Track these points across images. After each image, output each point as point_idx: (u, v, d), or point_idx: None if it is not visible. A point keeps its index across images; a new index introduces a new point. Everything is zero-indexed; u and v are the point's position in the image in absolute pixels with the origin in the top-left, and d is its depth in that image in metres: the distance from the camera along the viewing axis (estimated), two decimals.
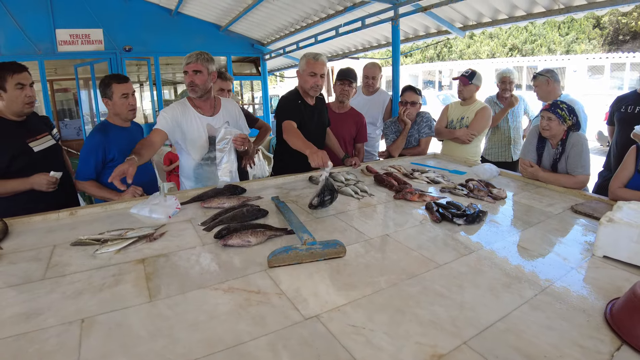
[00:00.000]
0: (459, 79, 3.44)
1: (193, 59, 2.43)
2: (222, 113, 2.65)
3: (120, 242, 1.60)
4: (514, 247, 1.63)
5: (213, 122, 2.58)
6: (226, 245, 1.59)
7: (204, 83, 2.48)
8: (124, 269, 1.42)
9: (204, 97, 2.54)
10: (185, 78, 2.47)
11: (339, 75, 3.33)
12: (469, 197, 2.26)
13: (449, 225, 1.85)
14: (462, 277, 1.37)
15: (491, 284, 1.33)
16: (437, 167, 3.07)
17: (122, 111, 2.48)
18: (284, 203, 2.07)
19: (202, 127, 2.54)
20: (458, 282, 1.34)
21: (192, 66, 2.44)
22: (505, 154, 4.06)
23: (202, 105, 2.57)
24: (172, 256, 1.53)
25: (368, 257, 1.53)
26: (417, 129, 3.41)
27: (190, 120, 2.52)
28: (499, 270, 1.42)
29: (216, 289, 1.29)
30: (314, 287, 1.30)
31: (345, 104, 3.39)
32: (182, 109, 2.52)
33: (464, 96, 3.47)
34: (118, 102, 2.45)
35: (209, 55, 2.49)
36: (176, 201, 2.06)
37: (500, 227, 1.84)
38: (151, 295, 1.25)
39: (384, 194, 2.36)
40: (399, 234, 1.75)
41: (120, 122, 2.52)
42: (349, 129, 3.36)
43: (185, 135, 2.51)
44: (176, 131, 2.48)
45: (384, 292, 1.28)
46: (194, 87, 2.47)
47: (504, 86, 4.02)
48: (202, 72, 2.45)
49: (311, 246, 1.47)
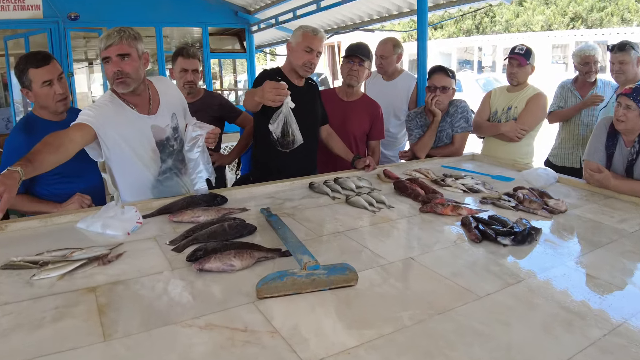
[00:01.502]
0: (513, 57, 3.46)
1: (115, 38, 2.19)
2: (164, 104, 2.48)
3: (65, 266, 1.61)
4: (577, 275, 1.64)
5: (157, 121, 2.42)
6: (202, 270, 1.60)
7: (136, 71, 2.26)
8: (70, 300, 1.43)
9: (137, 90, 2.33)
10: (107, 68, 2.24)
11: (347, 51, 3.36)
12: (517, 211, 2.28)
13: (491, 246, 1.86)
14: (508, 312, 1.38)
15: (546, 321, 1.34)
16: (476, 171, 3.09)
17: (48, 103, 2.41)
18: (276, 217, 2.09)
19: (147, 132, 2.39)
20: (503, 318, 1.35)
21: (114, 49, 2.19)
22: (572, 157, 4.07)
23: (138, 102, 2.38)
24: (132, 284, 1.54)
25: (386, 286, 1.54)
26: (450, 122, 3.44)
27: (131, 123, 2.33)
28: (556, 303, 1.44)
29: (190, 326, 1.30)
30: (316, 324, 1.31)
31: (355, 90, 3.42)
32: (115, 107, 2.31)
33: (518, 80, 3.49)
34: (40, 92, 2.36)
35: (134, 32, 2.28)
36: (137, 213, 2.08)
37: (559, 249, 1.85)
38: (105, 334, 1.25)
39: (406, 206, 2.37)
40: (427, 257, 1.76)
41: (49, 115, 2.47)
42: (360, 121, 3.39)
43: (128, 143, 2.34)
44: (113, 137, 2.29)
45: (407, 330, 1.28)
46: (122, 78, 2.23)
47: (588, 68, 3.99)
48: (130, 55, 2.23)
49: (313, 271, 1.48)
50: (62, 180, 2.44)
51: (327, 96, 3.33)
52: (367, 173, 2.98)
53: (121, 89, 2.27)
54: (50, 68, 2.37)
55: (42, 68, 2.35)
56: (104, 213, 2.06)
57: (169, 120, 2.46)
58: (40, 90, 2.37)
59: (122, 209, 2.08)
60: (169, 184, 2.49)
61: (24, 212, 2.44)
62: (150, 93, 2.43)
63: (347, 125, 3.34)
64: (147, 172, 2.42)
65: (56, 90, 2.39)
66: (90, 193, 2.45)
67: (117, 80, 2.24)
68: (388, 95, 3.92)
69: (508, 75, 3.55)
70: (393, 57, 3.95)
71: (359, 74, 3.31)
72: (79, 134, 2.16)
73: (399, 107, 3.96)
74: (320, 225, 2.12)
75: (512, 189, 2.53)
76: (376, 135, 3.45)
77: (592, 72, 3.99)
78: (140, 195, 2.43)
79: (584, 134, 3.98)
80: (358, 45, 3.39)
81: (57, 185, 2.44)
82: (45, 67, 2.36)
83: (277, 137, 2.11)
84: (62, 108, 2.46)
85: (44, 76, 2.35)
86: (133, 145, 2.35)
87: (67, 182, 2.45)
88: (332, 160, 3.22)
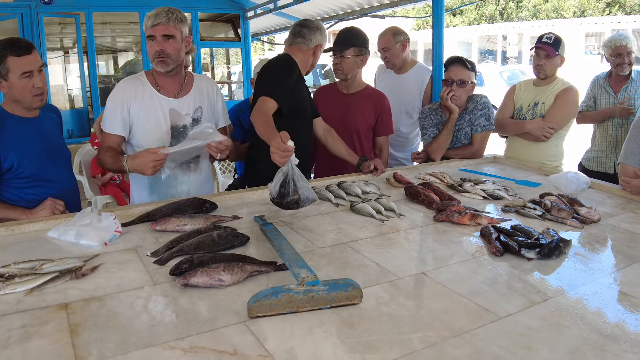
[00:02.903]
0: (540, 47, 3.46)
1: (163, 18, 2.47)
2: (194, 94, 2.71)
3: (34, 280, 1.61)
4: (611, 293, 1.63)
5: (178, 106, 2.63)
6: (187, 285, 1.60)
7: (177, 52, 2.55)
8: (39, 318, 1.43)
9: (173, 72, 2.61)
10: (149, 46, 2.53)
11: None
12: (544, 220, 2.27)
13: (514, 260, 1.85)
14: (532, 334, 1.37)
15: (576, 346, 1.33)
16: (497, 175, 3.09)
17: (23, 97, 2.41)
18: (272, 225, 2.09)
19: (163, 113, 2.59)
20: (526, 341, 1.34)
21: (160, 29, 2.48)
22: (606, 161, 4.07)
23: (167, 84, 2.66)
24: (108, 300, 1.54)
25: (395, 304, 1.53)
26: (469, 120, 3.44)
27: (145, 102, 2.59)
28: (587, 325, 1.43)
29: (172, 348, 1.29)
30: (315, 347, 1.31)
31: (355, 81, 3.40)
32: (134, 86, 2.60)
33: (546, 73, 3.49)
34: (17, 84, 2.37)
35: (181, 14, 2.55)
36: (115, 221, 2.08)
37: (591, 264, 1.84)
38: (77, 356, 1.25)
39: (419, 214, 2.37)
40: (441, 272, 1.76)
41: (21, 111, 2.48)
42: (363, 115, 3.37)
43: (137, 123, 2.57)
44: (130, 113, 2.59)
45: (417, 355, 1.28)
46: (164, 58, 2.52)
47: (620, 60, 3.98)
48: (175, 37, 2.51)
49: (312, 287, 1.48)
50: (33, 184, 2.45)
51: (326, 90, 3.35)
52: (375, 177, 2.98)
53: (160, 68, 2.56)
54: (32, 59, 2.38)
55: (24, 57, 2.35)
56: (78, 220, 2.07)
57: (191, 110, 2.69)
58: (17, 82, 2.36)
59: (99, 216, 2.09)
60: (170, 174, 2.64)
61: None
62: (185, 81, 2.72)
63: (349, 119, 3.33)
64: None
65: (35, 83, 2.39)
66: (63, 198, 2.45)
67: (157, 59, 2.52)
68: (398, 90, 3.91)
69: (534, 68, 3.54)
70: (396, 47, 3.93)
71: (342, 66, 3.30)
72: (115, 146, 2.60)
73: (411, 103, 3.96)
74: (321, 235, 2.11)
75: (538, 196, 2.52)
76: (383, 130, 3.43)
77: (625, 64, 3.98)
78: (137, 178, 2.69)
79: (619, 134, 3.98)
80: (339, 34, 3.36)
81: (27, 190, 2.45)
82: (27, 57, 2.36)
83: (274, 197, 2.14)
84: (38, 104, 2.47)
85: (25, 66, 2.35)
86: (142, 124, 2.60)
87: (38, 187, 2.46)
88: (339, 163, 3.22)
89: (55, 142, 2.63)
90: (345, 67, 3.29)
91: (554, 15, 23.54)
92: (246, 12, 7.86)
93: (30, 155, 2.43)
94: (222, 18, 8.56)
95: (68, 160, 2.76)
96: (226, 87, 11.96)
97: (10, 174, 2.41)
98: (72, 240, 1.98)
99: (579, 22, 17.15)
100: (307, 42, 2.92)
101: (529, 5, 25.16)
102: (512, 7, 25.68)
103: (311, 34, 2.92)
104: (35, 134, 2.49)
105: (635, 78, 4.03)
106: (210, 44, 9.21)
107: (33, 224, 2.15)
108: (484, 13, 26.27)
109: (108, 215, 2.10)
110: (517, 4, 25.65)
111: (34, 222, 2.16)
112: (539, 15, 24.41)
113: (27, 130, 2.48)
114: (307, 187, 2.17)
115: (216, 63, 13.52)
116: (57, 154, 2.60)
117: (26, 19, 6.45)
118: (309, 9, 7.41)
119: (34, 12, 6.46)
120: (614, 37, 4.03)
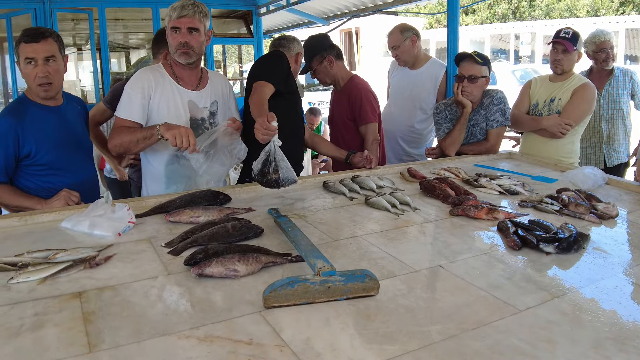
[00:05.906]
0: (558, 42, 3.43)
1: (189, 10, 2.51)
2: (209, 89, 2.75)
3: (47, 268, 1.62)
4: (630, 287, 1.61)
5: (197, 98, 2.68)
6: (202, 275, 1.60)
7: (200, 46, 2.61)
8: (52, 306, 1.43)
9: (193, 64, 2.67)
10: (173, 37, 2.56)
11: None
12: (562, 215, 2.26)
13: (532, 254, 1.84)
14: (552, 328, 1.36)
15: (596, 339, 1.31)
16: (513, 171, 3.07)
17: (29, 84, 2.48)
18: (286, 217, 2.08)
19: (182, 105, 2.62)
20: (546, 335, 1.33)
21: (186, 21, 2.51)
22: (594, 156, 4.11)
23: (186, 76, 2.71)
24: (122, 289, 1.54)
25: (412, 296, 1.52)
26: (485, 115, 3.42)
27: (166, 93, 2.63)
28: (606, 319, 1.41)
29: (188, 337, 1.29)
30: (331, 338, 1.30)
31: (343, 80, 3.54)
32: (154, 76, 2.63)
33: (563, 68, 3.46)
34: (22, 70, 2.45)
35: (205, 8, 2.60)
36: (129, 212, 2.08)
37: (609, 259, 1.83)
38: (91, 344, 1.25)
39: (434, 208, 2.36)
40: (458, 265, 1.75)
41: (40, 99, 2.51)
42: (340, 109, 3.52)
43: (156, 113, 2.59)
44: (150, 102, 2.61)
45: (436, 347, 1.27)
46: (187, 50, 2.56)
47: (605, 55, 4.06)
48: (199, 30, 2.56)
49: (328, 277, 1.47)
50: (50, 172, 2.49)
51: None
52: (389, 172, 2.98)
53: (183, 60, 2.60)
54: (38, 47, 2.39)
55: (30, 45, 2.38)
56: (92, 211, 2.07)
57: (208, 103, 2.76)
58: (23, 68, 2.43)
59: (113, 207, 2.09)
60: (183, 165, 2.63)
61: (6, 205, 2.46)
62: (202, 75, 2.77)
63: (333, 117, 3.52)
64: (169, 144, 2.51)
65: (38, 72, 2.40)
66: (81, 188, 2.47)
67: (180, 50, 2.56)
68: (412, 86, 3.91)
69: (552, 63, 3.51)
70: (405, 44, 3.91)
71: (319, 76, 3.53)
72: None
73: (426, 99, 3.94)
74: (336, 228, 2.11)
75: (555, 191, 2.51)
76: (361, 119, 3.45)
77: (609, 58, 4.07)
78: (151, 170, 2.73)
79: (607, 130, 4.05)
80: (305, 43, 3.49)
81: (44, 178, 2.48)
82: (33, 45, 2.39)
83: (256, 175, 2.20)
84: (43, 94, 2.47)
85: (29, 53, 2.39)
86: (162, 114, 2.60)
87: (55, 175, 2.49)
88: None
89: (76, 133, 2.66)
90: (321, 76, 3.53)
91: (567, 15, 23.38)
92: (259, 8, 7.87)
93: (48, 143, 2.45)
94: (234, 14, 8.57)
95: (89, 151, 2.80)
96: (238, 84, 11.99)
97: (28, 161, 2.44)
98: (85, 230, 1.99)
99: (593, 21, 17.03)
100: (289, 50, 3.10)
101: (542, 5, 25.00)
102: (524, 6, 25.54)
103: (290, 44, 3.15)
104: (56, 123, 2.52)
105: (617, 74, 4.13)
106: (222, 41, 9.20)
107: (46, 215, 2.16)
108: (497, 12, 26.15)
109: (122, 206, 2.11)
110: (530, 3, 25.51)
111: (47, 213, 2.17)
112: (552, 14, 24.26)
113: (48, 118, 2.51)
114: (287, 167, 2.22)
115: (228, 60, 13.57)
116: (77, 144, 2.63)
117: (40, 14, 6.47)
118: (321, 5, 7.40)
119: (47, 7, 6.47)
120: (597, 34, 4.10)
